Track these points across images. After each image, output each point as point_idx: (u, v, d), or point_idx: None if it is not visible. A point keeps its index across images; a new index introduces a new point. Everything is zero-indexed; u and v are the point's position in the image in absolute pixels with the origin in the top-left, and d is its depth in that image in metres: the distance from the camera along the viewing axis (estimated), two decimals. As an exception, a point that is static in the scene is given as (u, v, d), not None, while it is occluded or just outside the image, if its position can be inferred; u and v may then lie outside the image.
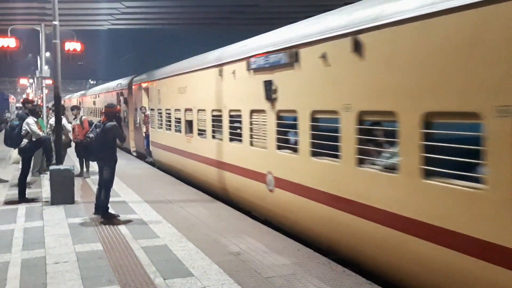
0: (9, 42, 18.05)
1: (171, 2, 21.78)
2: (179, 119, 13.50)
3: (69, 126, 12.95)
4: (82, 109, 19.11)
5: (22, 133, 10.28)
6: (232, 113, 9.89)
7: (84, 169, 13.51)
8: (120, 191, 11.06)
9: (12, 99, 55.76)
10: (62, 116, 11.60)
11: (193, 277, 5.70)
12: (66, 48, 18.23)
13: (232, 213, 9.12)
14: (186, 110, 12.79)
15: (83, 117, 13.99)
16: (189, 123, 12.70)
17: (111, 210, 8.83)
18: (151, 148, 17.26)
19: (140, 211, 9.22)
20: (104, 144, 8.54)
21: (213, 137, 10.94)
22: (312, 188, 6.94)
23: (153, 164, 16.99)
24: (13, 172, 13.65)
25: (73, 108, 14.51)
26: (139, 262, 6.27)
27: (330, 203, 6.52)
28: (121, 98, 22.21)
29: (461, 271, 4.51)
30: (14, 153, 10.88)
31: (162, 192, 11.24)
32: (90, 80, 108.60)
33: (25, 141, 10.31)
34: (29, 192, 10.74)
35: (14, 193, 10.63)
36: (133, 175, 13.70)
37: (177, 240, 7.25)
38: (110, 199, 8.92)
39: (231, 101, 9.91)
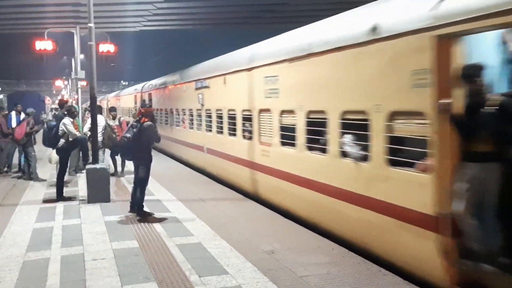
0: (46, 45, 18.54)
1: (201, 2, 21.97)
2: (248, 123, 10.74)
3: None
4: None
5: (59, 133, 10.54)
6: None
7: (119, 169, 13.76)
8: (154, 189, 11.22)
9: (47, 100, 57.23)
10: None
11: (228, 275, 5.73)
12: (100, 50, 18.60)
13: (264, 212, 9.13)
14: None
15: (122, 118, 14.25)
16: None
17: (146, 208, 8.97)
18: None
19: (174, 209, 9.34)
20: (140, 143, 8.70)
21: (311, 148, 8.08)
22: None
23: None
24: (50, 171, 14.03)
25: (112, 109, 14.82)
26: (174, 259, 6.34)
27: None
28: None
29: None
30: (54, 153, 11.17)
31: (194, 190, 11.35)
32: (122, 81, 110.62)
33: (62, 141, 10.57)
34: (66, 191, 11.00)
35: (52, 191, 10.92)
36: (166, 174, 13.88)
37: (210, 238, 7.30)
38: (145, 198, 9.06)
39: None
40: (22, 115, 14.99)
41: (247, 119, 10.75)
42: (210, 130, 13.56)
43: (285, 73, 8.80)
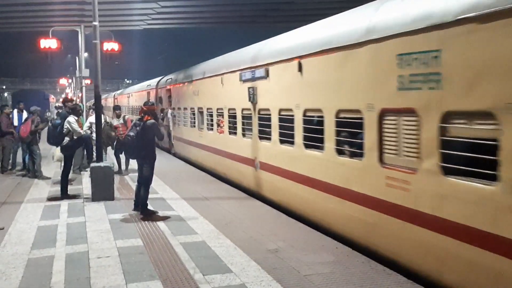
0: (51, 43, 18.62)
1: (205, 1, 21.94)
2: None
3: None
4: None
5: (63, 131, 10.57)
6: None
7: (123, 167, 13.79)
8: (158, 188, 11.23)
9: (52, 98, 57.44)
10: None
11: (232, 274, 5.73)
12: (105, 48, 18.66)
13: (268, 211, 9.12)
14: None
15: (126, 117, 14.25)
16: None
17: (150, 207, 8.99)
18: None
19: (177, 208, 9.35)
20: (144, 142, 8.71)
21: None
22: None
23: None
24: (54, 169, 14.08)
25: (116, 108, 14.78)
26: (178, 257, 6.35)
27: None
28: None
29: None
30: (57, 151, 11.20)
31: (198, 189, 11.36)
32: (126, 80, 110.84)
33: (66, 139, 10.59)
34: (71, 189, 11.03)
35: (57, 189, 10.96)
36: (170, 173, 13.89)
37: (214, 237, 7.31)
38: (149, 196, 9.08)
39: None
40: (25, 114, 15.03)
41: (350, 125, 6.96)
42: (267, 138, 9.83)
43: None
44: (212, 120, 13.68)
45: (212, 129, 13.76)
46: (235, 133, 11.75)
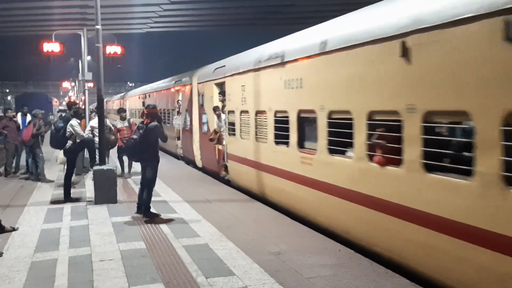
0: (54, 46, 18.69)
1: (207, 4, 22.02)
2: None
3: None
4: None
5: (66, 134, 10.61)
6: None
7: (126, 170, 13.82)
8: (160, 190, 11.25)
9: (55, 102, 57.61)
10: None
11: (235, 276, 5.74)
12: (107, 52, 18.70)
13: (271, 213, 9.13)
14: None
15: (131, 120, 14.26)
16: None
17: (152, 209, 9.01)
18: None
19: (180, 211, 9.37)
20: (147, 144, 8.74)
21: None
22: None
23: None
24: (57, 172, 14.11)
25: (121, 110, 14.78)
26: (181, 260, 6.36)
27: None
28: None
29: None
30: (61, 154, 11.23)
31: (201, 191, 11.37)
32: (128, 83, 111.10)
33: (69, 142, 10.64)
34: (74, 192, 11.07)
35: (60, 192, 10.99)
36: (172, 175, 13.92)
37: (217, 239, 7.32)
38: (152, 199, 9.09)
39: None
40: (28, 117, 15.07)
41: None
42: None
43: None
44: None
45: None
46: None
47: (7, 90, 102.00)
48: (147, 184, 8.97)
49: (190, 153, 16.20)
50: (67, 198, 10.54)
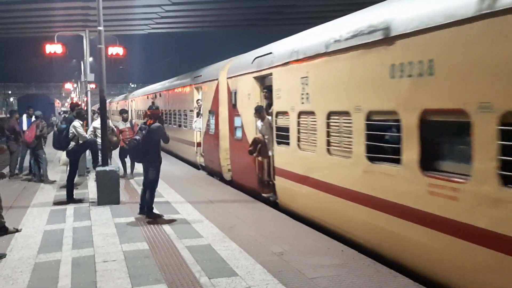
0: (56, 48, 18.70)
1: (209, 5, 22.01)
2: None
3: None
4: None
5: (69, 136, 10.63)
6: None
7: (128, 171, 13.83)
8: (163, 191, 11.26)
9: (57, 103, 57.76)
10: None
11: (238, 277, 5.74)
12: (109, 53, 18.72)
13: (273, 214, 9.13)
14: None
15: (134, 121, 14.26)
16: None
17: (155, 210, 9.01)
18: None
19: (183, 211, 9.37)
20: (149, 145, 8.76)
21: None
22: None
23: None
24: (60, 173, 14.14)
25: (123, 111, 14.77)
26: (184, 261, 6.37)
27: None
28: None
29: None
30: (63, 155, 11.24)
31: (203, 192, 11.38)
32: (130, 84, 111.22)
33: (72, 143, 10.65)
34: (77, 193, 11.08)
35: (63, 194, 11.01)
36: (175, 176, 13.92)
37: (220, 240, 7.32)
38: (154, 199, 9.10)
39: None
40: (33, 119, 15.10)
41: None
42: None
43: None
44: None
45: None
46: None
47: (10, 92, 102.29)
48: (150, 185, 8.99)
49: (215, 164, 13.41)
50: (70, 199, 10.55)
